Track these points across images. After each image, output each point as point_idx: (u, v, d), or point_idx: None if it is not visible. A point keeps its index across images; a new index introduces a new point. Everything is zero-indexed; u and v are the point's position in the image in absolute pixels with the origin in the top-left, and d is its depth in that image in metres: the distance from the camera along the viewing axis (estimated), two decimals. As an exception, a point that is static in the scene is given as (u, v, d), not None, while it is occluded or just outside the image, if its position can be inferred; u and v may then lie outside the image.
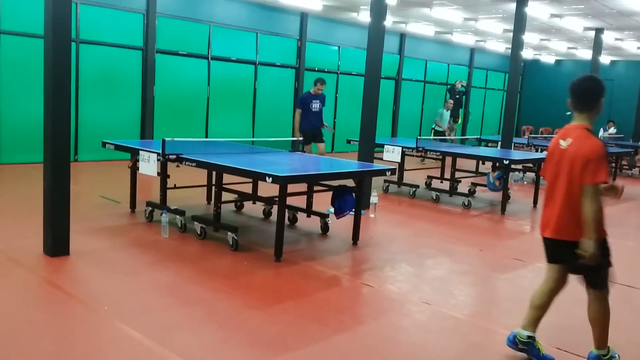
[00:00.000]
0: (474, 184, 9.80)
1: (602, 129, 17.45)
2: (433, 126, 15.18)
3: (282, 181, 5.23)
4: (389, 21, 14.51)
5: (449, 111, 14.87)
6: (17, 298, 4.29)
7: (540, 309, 3.88)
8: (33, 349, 3.49)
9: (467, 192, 9.35)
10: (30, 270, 4.87)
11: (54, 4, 4.90)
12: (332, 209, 6.96)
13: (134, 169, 6.88)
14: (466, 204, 8.84)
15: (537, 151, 13.35)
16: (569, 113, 3.94)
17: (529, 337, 3.79)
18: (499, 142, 11.82)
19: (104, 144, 7.17)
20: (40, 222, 5.27)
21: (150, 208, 6.68)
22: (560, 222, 3.57)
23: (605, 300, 3.66)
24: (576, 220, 3.46)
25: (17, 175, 9.19)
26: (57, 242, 5.16)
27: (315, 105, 9.63)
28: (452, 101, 15.08)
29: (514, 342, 3.81)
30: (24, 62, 9.98)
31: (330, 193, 6.33)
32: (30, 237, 5.55)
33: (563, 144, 3.68)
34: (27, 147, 9.96)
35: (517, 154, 9.90)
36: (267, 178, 5.19)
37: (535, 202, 9.29)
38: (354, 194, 6.11)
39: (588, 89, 3.89)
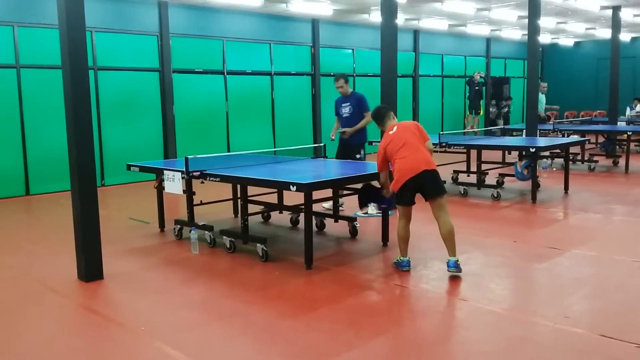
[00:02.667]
0: (502, 175, 9.65)
1: (628, 108, 17.06)
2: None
3: (307, 189, 5.21)
4: (400, 19, 14.46)
5: (544, 94, 14.46)
6: (54, 325, 4.35)
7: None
8: (74, 374, 3.52)
9: (495, 183, 9.21)
10: (66, 296, 4.94)
11: (69, 34, 4.98)
12: (359, 212, 6.90)
13: (160, 188, 6.94)
14: (495, 195, 8.71)
15: (563, 136, 13.10)
16: None
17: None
18: (524, 131, 11.63)
19: (128, 167, 7.25)
20: (72, 248, 5.35)
21: (178, 226, 6.72)
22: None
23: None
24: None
25: (46, 205, 9.37)
26: (90, 267, 5.22)
27: (345, 110, 7.85)
28: (545, 84, 14.76)
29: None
30: (45, 94, 10.18)
31: (355, 197, 6.28)
32: (64, 264, 5.63)
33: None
34: (55, 176, 10.15)
35: (543, 141, 9.72)
36: (291, 187, 5.18)
37: (566, 188, 9.10)
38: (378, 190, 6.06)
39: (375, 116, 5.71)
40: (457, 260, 5.06)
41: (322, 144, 7.63)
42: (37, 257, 6.18)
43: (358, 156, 7.70)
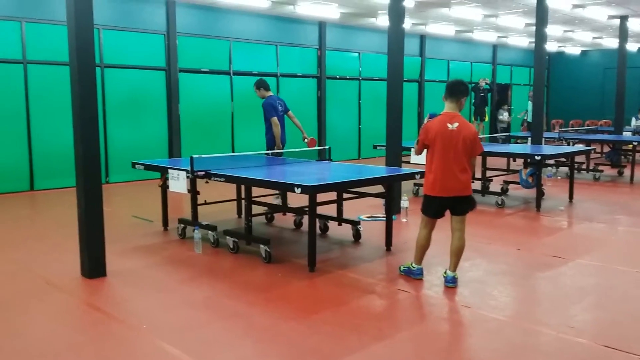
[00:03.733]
0: (506, 182, 9.63)
1: (634, 118, 17.02)
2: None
3: (311, 191, 5.20)
4: (408, 24, 14.46)
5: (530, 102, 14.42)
6: (57, 321, 4.34)
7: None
8: (75, 371, 3.51)
9: (499, 190, 9.18)
10: (69, 292, 4.94)
11: (77, 31, 4.99)
12: (363, 216, 6.90)
13: (164, 187, 6.94)
14: (499, 202, 8.69)
15: (568, 145, 13.07)
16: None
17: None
18: (529, 138, 11.60)
19: (133, 165, 7.26)
20: (76, 245, 5.35)
21: (182, 225, 6.72)
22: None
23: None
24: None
25: (51, 200, 9.38)
26: (93, 264, 5.22)
27: (281, 110, 8.39)
28: (531, 92, 14.75)
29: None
30: (52, 90, 10.20)
31: (359, 201, 6.27)
32: (67, 260, 5.63)
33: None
34: (60, 172, 10.16)
35: (548, 149, 9.70)
36: (295, 189, 5.17)
37: (571, 197, 9.07)
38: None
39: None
40: (456, 275, 5.03)
41: (327, 147, 7.62)
42: (40, 252, 6.19)
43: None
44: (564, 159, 10.42)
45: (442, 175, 4.88)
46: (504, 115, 17.40)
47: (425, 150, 5.07)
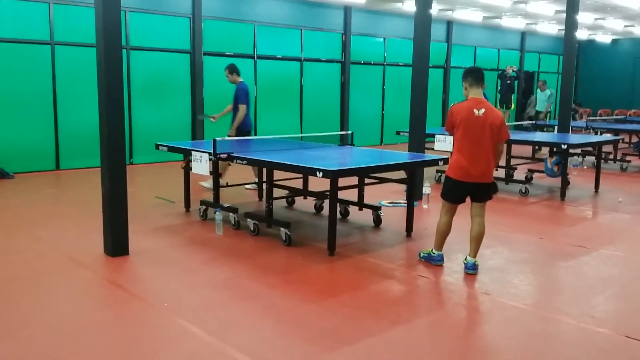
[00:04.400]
0: (531, 171, 9.50)
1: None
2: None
3: (333, 175, 5.20)
4: (435, 9, 14.26)
5: (544, 92, 14.16)
6: (80, 297, 4.44)
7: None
8: (98, 346, 3.59)
9: (524, 179, 9.07)
10: (92, 270, 5.03)
11: (104, 13, 5.04)
12: (384, 202, 6.88)
13: (187, 169, 7.01)
14: (523, 191, 8.58)
15: (596, 134, 12.83)
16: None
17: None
18: (555, 127, 11.41)
19: (157, 147, 7.33)
20: (100, 224, 5.44)
21: (204, 207, 6.79)
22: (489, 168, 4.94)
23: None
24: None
25: (76, 180, 9.53)
26: (116, 243, 5.31)
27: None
28: (542, 81, 14.47)
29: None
30: (79, 71, 10.33)
31: (381, 186, 6.25)
32: (91, 238, 5.74)
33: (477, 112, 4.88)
34: (85, 152, 10.31)
35: (575, 138, 9.54)
36: (317, 173, 5.17)
37: (596, 187, 8.92)
38: None
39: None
40: (476, 262, 5.01)
41: (349, 132, 7.60)
42: (65, 231, 6.31)
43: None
44: (590, 149, 10.26)
45: (466, 161, 4.86)
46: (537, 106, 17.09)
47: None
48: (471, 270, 4.96)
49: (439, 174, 9.51)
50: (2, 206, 7.56)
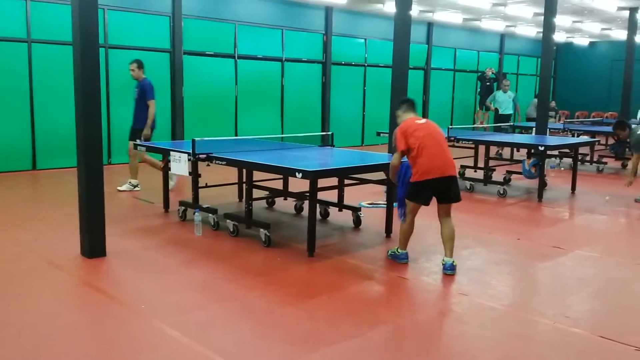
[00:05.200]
0: (509, 172, 9.60)
1: (640, 111, 16.90)
2: (483, 110, 14.59)
3: (312, 176, 5.19)
4: (415, 11, 14.35)
5: (506, 93, 14.24)
6: (57, 300, 4.37)
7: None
8: (75, 349, 3.54)
9: (502, 180, 9.17)
10: (69, 272, 4.96)
11: (80, 11, 4.97)
12: (363, 203, 6.91)
13: (166, 169, 6.95)
14: (501, 192, 8.67)
15: (573, 136, 13.01)
16: None
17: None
18: (534, 128, 11.56)
19: (135, 147, 7.26)
20: (76, 225, 5.37)
21: (183, 207, 6.74)
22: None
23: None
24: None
25: (52, 180, 9.40)
26: (93, 244, 5.24)
27: (135, 95, 8.33)
28: (508, 82, 14.52)
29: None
30: (56, 70, 10.18)
31: (361, 187, 6.27)
32: (68, 240, 5.65)
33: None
34: (62, 152, 10.17)
35: (552, 140, 9.66)
36: (297, 174, 5.17)
37: (573, 188, 9.05)
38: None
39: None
40: (454, 262, 5.05)
41: (330, 132, 7.61)
42: (41, 232, 6.21)
43: (138, 141, 7.64)
44: (567, 150, 10.40)
45: (427, 160, 4.91)
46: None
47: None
48: (449, 271, 5.00)
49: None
50: (-24, 206, 7.42)
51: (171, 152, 6.45)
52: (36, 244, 5.75)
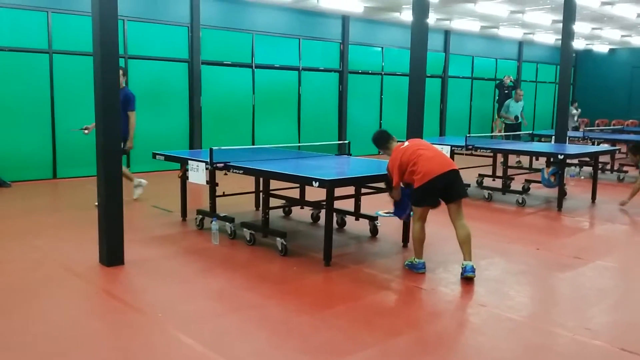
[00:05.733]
0: (528, 181, 9.51)
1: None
2: (502, 119, 14.45)
3: (329, 185, 5.19)
4: (432, 19, 14.33)
5: (518, 102, 14.06)
6: (75, 307, 4.41)
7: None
8: (92, 357, 3.57)
9: (520, 189, 9.08)
10: (87, 280, 5.01)
11: (101, 22, 5.04)
12: (380, 212, 6.88)
13: (184, 178, 7.00)
14: (520, 201, 8.58)
15: (593, 144, 12.86)
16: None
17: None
18: (553, 137, 11.44)
19: (154, 155, 7.32)
20: (95, 233, 5.42)
21: (200, 216, 6.77)
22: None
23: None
24: None
25: (72, 189, 9.52)
26: (112, 252, 5.29)
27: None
28: (522, 92, 14.32)
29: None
30: (76, 80, 10.33)
31: (377, 196, 6.25)
32: (86, 248, 5.71)
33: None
34: (82, 161, 10.29)
35: (572, 148, 9.55)
36: (314, 182, 5.17)
37: (593, 197, 8.93)
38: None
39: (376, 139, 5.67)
40: (474, 265, 5.03)
41: (347, 141, 7.60)
42: (60, 240, 6.29)
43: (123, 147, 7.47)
44: (587, 159, 10.27)
45: (429, 160, 4.99)
46: (574, 111, 17.16)
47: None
48: (470, 273, 4.98)
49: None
50: (-2, 215, 7.54)
51: (189, 161, 6.50)
52: (55, 251, 5.82)
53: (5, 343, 3.73)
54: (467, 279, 4.99)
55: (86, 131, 8.08)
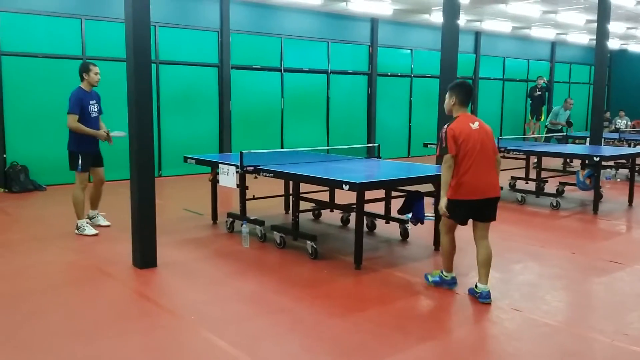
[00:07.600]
0: (562, 184, 9.32)
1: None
2: (547, 125, 14.12)
3: (359, 188, 5.17)
4: (462, 20, 14.18)
5: (568, 111, 13.62)
6: (109, 308, 4.48)
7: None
8: (124, 357, 3.61)
9: (555, 192, 8.90)
10: (121, 282, 5.09)
11: (134, 28, 5.12)
12: (410, 215, 6.84)
13: (214, 181, 7.06)
14: (554, 204, 8.42)
15: (629, 146, 12.54)
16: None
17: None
18: (587, 139, 11.20)
19: (185, 159, 7.41)
20: (128, 236, 5.50)
21: (230, 219, 6.82)
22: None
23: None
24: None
25: (106, 192, 9.64)
26: (145, 255, 5.36)
27: (94, 108, 7.08)
28: (572, 100, 13.85)
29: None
30: (109, 85, 10.49)
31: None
32: (120, 250, 5.81)
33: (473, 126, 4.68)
34: (115, 165, 10.45)
35: (607, 150, 9.34)
36: (344, 185, 5.16)
37: (630, 200, 8.70)
38: (424, 199, 5.95)
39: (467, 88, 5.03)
40: (490, 290, 4.61)
41: (376, 144, 7.57)
42: (94, 242, 6.40)
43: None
44: (624, 161, 10.02)
45: (471, 178, 4.48)
46: (621, 123, 17.00)
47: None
48: (486, 300, 4.54)
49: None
50: (34, 218, 7.73)
51: (220, 165, 6.55)
52: (89, 253, 5.92)
53: (40, 343, 3.80)
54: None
55: (110, 142, 7.47)
